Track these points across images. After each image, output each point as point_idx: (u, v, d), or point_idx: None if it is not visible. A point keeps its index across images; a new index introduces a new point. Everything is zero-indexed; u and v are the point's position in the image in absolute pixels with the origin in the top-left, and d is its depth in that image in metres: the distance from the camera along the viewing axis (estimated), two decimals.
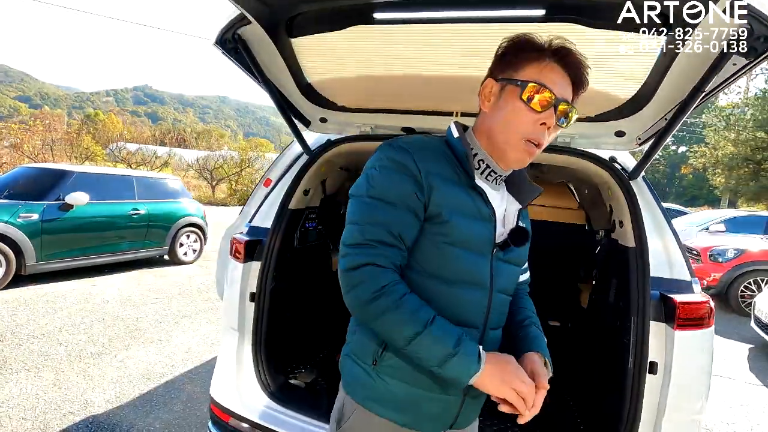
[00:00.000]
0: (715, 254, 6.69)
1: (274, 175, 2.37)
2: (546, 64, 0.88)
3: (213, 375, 1.84)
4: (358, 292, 0.83)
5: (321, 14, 1.46)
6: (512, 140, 0.90)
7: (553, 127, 0.89)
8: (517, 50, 0.91)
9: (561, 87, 0.88)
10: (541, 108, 0.86)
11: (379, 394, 0.93)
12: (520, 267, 1.04)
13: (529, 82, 0.87)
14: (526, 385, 0.81)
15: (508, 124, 0.89)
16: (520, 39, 0.91)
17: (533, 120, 0.87)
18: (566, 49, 0.89)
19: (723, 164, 19.62)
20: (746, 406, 3.43)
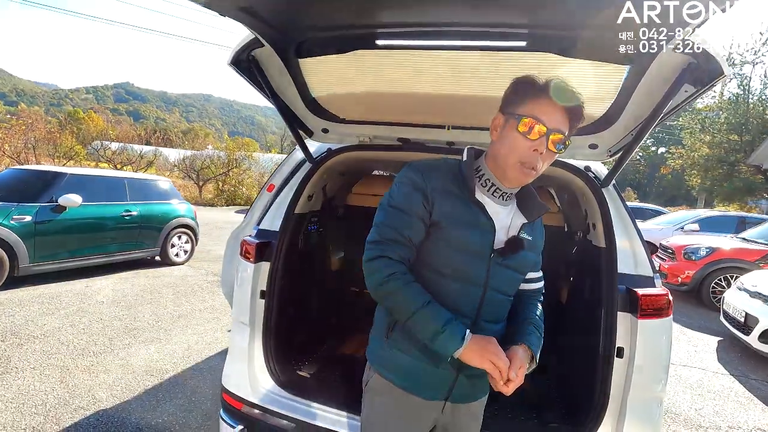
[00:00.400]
0: (688, 252, 7.04)
1: (277, 181, 2.53)
2: (542, 100, 1.06)
3: (224, 366, 1.98)
4: (374, 277, 1.07)
5: (328, 39, 1.62)
6: (510, 163, 1.09)
7: (546, 153, 1.07)
8: (520, 89, 1.10)
9: (555, 120, 1.06)
10: (533, 137, 1.05)
11: (388, 362, 1.17)
12: (520, 273, 1.20)
13: (524, 116, 1.05)
14: (500, 360, 1.00)
15: (508, 150, 1.09)
16: (523, 80, 1.10)
17: (527, 147, 1.06)
18: (562, 87, 1.07)
19: (699, 165, 20.31)
20: (713, 393, 3.71)
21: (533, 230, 1.21)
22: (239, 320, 1.95)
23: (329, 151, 2.21)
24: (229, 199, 18.14)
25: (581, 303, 2.07)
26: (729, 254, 6.78)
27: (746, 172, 18.31)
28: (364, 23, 1.48)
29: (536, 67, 1.55)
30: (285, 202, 2.07)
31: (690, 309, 6.53)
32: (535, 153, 1.06)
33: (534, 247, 1.21)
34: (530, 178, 1.11)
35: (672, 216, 11.37)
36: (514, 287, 1.21)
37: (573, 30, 1.33)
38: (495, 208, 1.14)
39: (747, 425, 3.18)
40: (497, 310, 1.17)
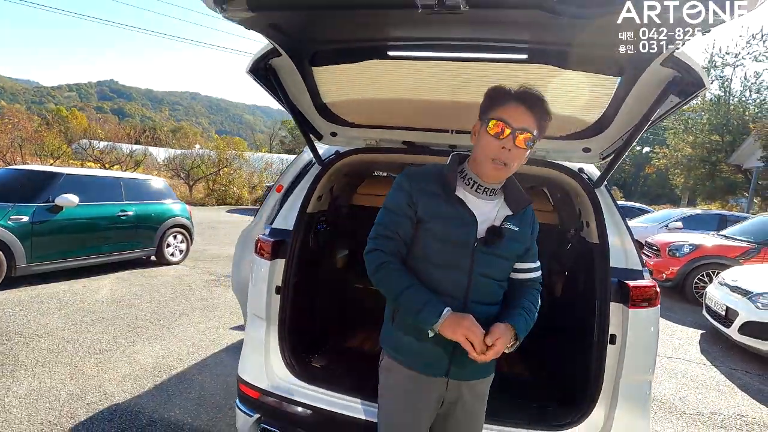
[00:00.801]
0: (672, 249, 7.30)
1: (286, 182, 2.63)
2: (509, 105, 1.22)
3: (240, 358, 2.07)
4: (370, 267, 1.29)
5: (342, 49, 1.74)
6: (484, 161, 1.25)
7: (515, 150, 1.21)
8: (490, 98, 1.27)
9: (521, 121, 1.20)
10: (498, 136, 1.21)
11: (394, 342, 1.35)
12: (505, 259, 1.32)
13: (493, 119, 1.22)
14: (473, 334, 1.15)
15: (481, 149, 1.26)
16: (493, 89, 1.28)
17: (497, 146, 1.22)
18: (526, 92, 1.23)
19: (682, 165, 20.84)
20: (696, 382, 3.91)
21: (520, 222, 1.34)
22: (255, 314, 2.05)
23: (337, 153, 2.32)
24: (220, 198, 18.06)
25: (576, 294, 2.22)
26: (711, 251, 7.05)
27: (727, 171, 18.85)
28: (377, 37, 1.60)
29: (536, 77, 1.68)
30: (297, 202, 2.17)
31: (674, 304, 6.78)
32: (504, 150, 1.21)
33: (520, 237, 1.34)
34: (503, 172, 1.26)
35: (656, 214, 11.69)
36: (502, 272, 1.33)
37: (570, 45, 1.46)
38: (477, 203, 1.30)
39: (728, 412, 3.38)
40: (486, 293, 1.30)
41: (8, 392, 2.69)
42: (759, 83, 19.28)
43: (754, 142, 14.46)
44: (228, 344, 3.77)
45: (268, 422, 1.93)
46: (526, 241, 1.37)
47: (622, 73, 1.56)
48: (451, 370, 1.29)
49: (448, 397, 1.34)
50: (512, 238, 1.31)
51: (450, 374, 1.30)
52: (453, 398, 1.35)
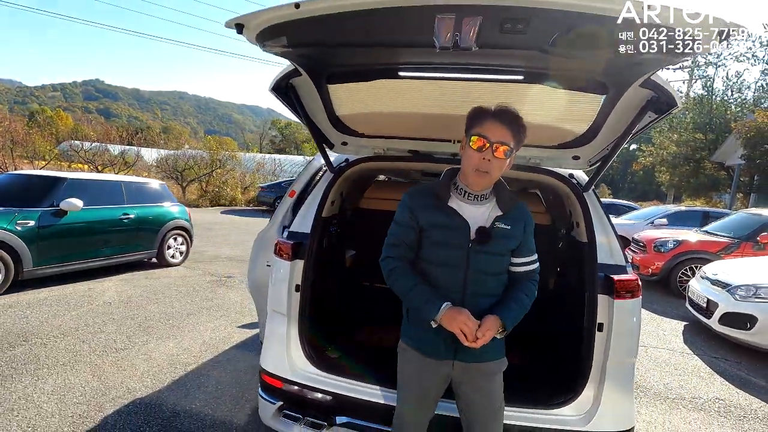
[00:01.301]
0: (658, 245, 7.60)
1: (298, 187, 2.82)
2: (487, 121, 1.44)
3: (262, 351, 2.25)
4: (384, 272, 1.55)
5: (357, 70, 1.92)
6: (469, 171, 1.48)
7: (495, 160, 1.41)
8: (472, 116, 1.51)
9: (498, 134, 1.41)
10: (479, 149, 1.42)
11: (407, 332, 1.61)
12: (499, 255, 1.52)
13: (473, 135, 1.44)
14: (466, 327, 1.37)
15: (466, 161, 1.49)
16: (475, 109, 1.51)
17: (478, 157, 1.43)
18: (502, 110, 1.46)
19: (667, 163, 21.39)
20: (679, 370, 4.17)
21: (512, 221, 1.53)
22: (276, 311, 2.23)
23: (347, 161, 2.50)
24: (214, 199, 18.08)
25: (567, 288, 2.44)
26: (694, 246, 7.36)
27: (711, 168, 19.42)
28: (390, 61, 1.79)
29: (531, 95, 1.90)
30: (312, 206, 2.35)
31: (659, 297, 7.09)
32: (485, 161, 1.43)
33: (512, 234, 1.53)
34: (486, 180, 1.48)
35: (643, 211, 12.05)
36: (497, 267, 1.53)
37: (560, 69, 1.67)
38: (469, 209, 1.52)
39: (707, 396, 3.64)
40: (483, 286, 1.50)
41: (35, 389, 2.84)
42: (740, 83, 19.87)
43: (736, 140, 14.94)
44: (237, 341, 3.93)
45: (291, 408, 2.11)
46: (518, 238, 1.55)
47: (606, 92, 1.77)
48: (457, 354, 1.51)
49: (455, 376, 1.56)
50: (504, 236, 1.51)
51: (456, 357, 1.52)
52: (460, 378, 1.56)
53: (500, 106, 1.45)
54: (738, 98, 20.15)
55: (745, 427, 3.16)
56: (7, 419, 2.50)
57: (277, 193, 17.18)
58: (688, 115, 20.05)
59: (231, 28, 1.33)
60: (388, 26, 1.37)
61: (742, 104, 19.88)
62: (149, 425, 2.55)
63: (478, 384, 1.57)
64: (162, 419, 2.61)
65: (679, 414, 3.29)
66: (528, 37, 1.26)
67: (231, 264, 7.38)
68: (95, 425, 2.50)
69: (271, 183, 18.84)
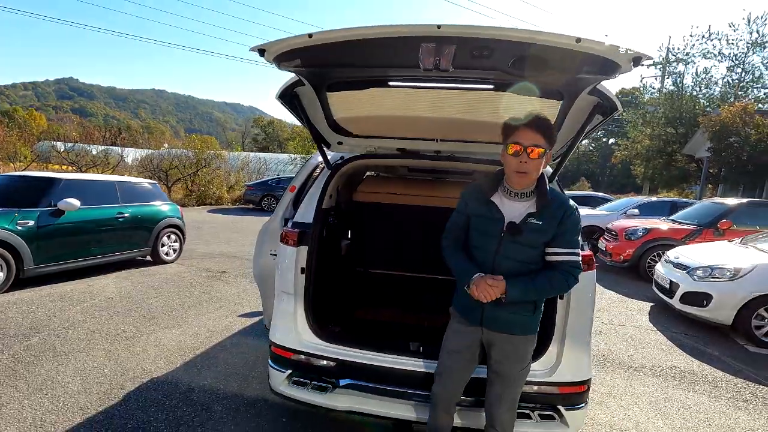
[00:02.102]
0: (628, 234, 8.12)
1: (298, 183, 3.12)
2: (519, 129, 1.68)
3: (271, 327, 2.55)
4: (441, 247, 1.94)
5: (353, 80, 2.24)
6: (510, 173, 1.75)
7: (531, 161, 1.65)
8: (506, 127, 1.76)
9: (531, 139, 1.64)
10: (515, 155, 1.68)
11: (456, 299, 1.97)
12: (528, 246, 1.74)
13: (509, 143, 1.72)
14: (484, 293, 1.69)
15: (507, 166, 1.75)
16: (505, 122, 1.77)
17: (516, 161, 1.69)
18: (530, 116, 1.71)
19: (642, 156, 22.23)
20: (643, 344, 4.62)
21: (546, 217, 1.73)
22: (284, 291, 2.54)
23: (343, 158, 2.82)
24: (200, 198, 18.10)
25: None
26: (661, 234, 7.90)
27: (682, 161, 20.29)
28: (383, 74, 2.11)
29: (500, 101, 2.25)
30: (313, 199, 2.66)
31: (629, 281, 7.60)
32: (522, 164, 1.68)
33: (543, 229, 1.73)
34: (526, 179, 1.72)
35: (617, 202, 12.67)
36: (526, 256, 1.76)
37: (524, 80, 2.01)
38: (510, 204, 1.79)
39: (666, 365, 4.08)
40: (508, 269, 1.74)
41: (58, 373, 3.08)
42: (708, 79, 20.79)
43: (703, 134, 15.72)
44: (240, 328, 4.22)
45: (299, 375, 2.42)
46: (550, 232, 1.74)
47: (562, 98, 2.13)
48: (483, 322, 1.85)
49: (485, 340, 1.90)
50: (535, 230, 1.73)
51: (483, 324, 1.85)
52: (489, 341, 1.89)
53: (529, 115, 1.68)
54: (706, 94, 21.12)
55: (695, 388, 3.60)
56: (38, 397, 2.75)
57: (263, 192, 17.31)
58: (660, 109, 20.89)
59: (255, 52, 1.63)
60: (383, 51, 1.69)
61: (710, 99, 20.84)
62: (169, 398, 2.83)
63: (504, 351, 1.86)
64: (179, 393, 2.90)
65: (640, 380, 3.72)
66: (492, 61, 1.60)
67: (223, 260, 7.60)
68: (120, 400, 2.78)
69: (258, 181, 18.94)
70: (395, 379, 2.27)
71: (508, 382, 1.89)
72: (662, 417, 3.08)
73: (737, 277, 4.89)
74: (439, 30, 1.48)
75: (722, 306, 4.91)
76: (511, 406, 1.92)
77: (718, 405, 3.32)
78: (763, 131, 13.23)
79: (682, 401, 3.35)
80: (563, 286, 1.78)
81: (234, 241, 9.67)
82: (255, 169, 25.13)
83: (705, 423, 3.04)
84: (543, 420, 2.20)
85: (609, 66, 1.57)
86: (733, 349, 4.64)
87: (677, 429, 2.94)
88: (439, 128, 2.62)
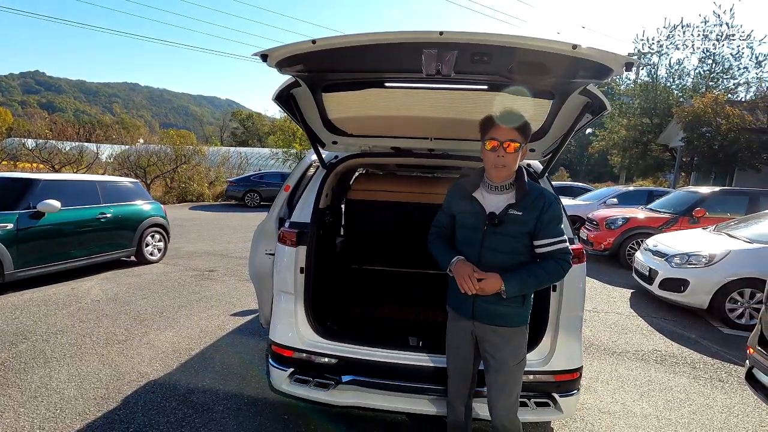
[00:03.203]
0: (609, 223, 8.38)
1: (292, 182, 3.13)
2: (496, 126, 1.77)
3: (271, 327, 2.56)
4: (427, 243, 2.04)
5: (349, 81, 2.26)
6: (489, 168, 1.83)
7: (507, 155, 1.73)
8: (483, 124, 1.82)
9: (506, 133, 1.73)
10: (493, 150, 1.76)
11: (449, 294, 2.03)
12: (510, 236, 1.80)
13: (486, 139, 1.79)
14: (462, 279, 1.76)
15: (486, 161, 1.83)
16: (483, 119, 1.84)
17: (493, 156, 1.77)
18: (504, 111, 1.76)
19: (618, 146, 22.80)
20: (625, 329, 4.81)
21: (525, 208, 1.79)
22: (283, 291, 2.56)
23: (337, 158, 2.84)
24: (180, 195, 17.76)
25: None
26: (640, 222, 8.18)
27: (657, 150, 20.91)
28: (380, 77, 2.14)
29: (493, 101, 2.30)
30: (309, 199, 2.68)
31: (610, 269, 7.87)
32: (499, 158, 1.76)
33: (523, 220, 1.78)
34: (504, 172, 1.79)
35: (596, 192, 13.03)
36: (510, 247, 1.82)
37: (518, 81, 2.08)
38: (491, 197, 1.86)
39: (647, 348, 4.27)
40: (496, 263, 1.80)
41: (51, 379, 3.04)
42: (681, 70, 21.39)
43: (676, 124, 16.22)
44: (233, 328, 4.21)
45: (301, 373, 2.46)
46: (531, 223, 1.80)
47: (553, 98, 2.20)
48: (474, 314, 1.90)
49: (477, 333, 1.95)
50: (515, 221, 1.79)
51: (474, 317, 1.91)
52: (480, 335, 1.93)
53: (503, 111, 1.75)
54: (679, 84, 21.76)
55: (676, 370, 3.79)
56: (33, 404, 2.71)
57: (246, 187, 17.08)
58: (635, 100, 21.44)
59: (257, 57, 1.64)
60: (385, 56, 1.72)
61: (683, 90, 21.48)
62: (168, 401, 2.83)
63: (495, 343, 1.89)
64: (179, 395, 2.90)
65: (624, 364, 3.89)
66: (492, 66, 1.65)
67: (210, 259, 7.53)
68: (119, 404, 2.76)
69: (240, 177, 18.67)
70: (397, 374, 2.34)
71: (503, 373, 1.91)
72: (646, 399, 3.25)
73: (712, 263, 5.13)
74: (441, 36, 1.52)
75: (698, 291, 5.16)
76: (509, 397, 1.93)
77: (697, 385, 3.51)
78: (733, 121, 13.74)
79: (664, 383, 3.53)
80: (559, 273, 1.82)
81: (219, 238, 9.56)
82: (236, 165, 24.76)
83: (686, 402, 3.22)
84: (539, 407, 2.30)
85: (602, 70, 1.64)
86: (709, 331, 4.88)
87: (661, 409, 3.10)
88: (432, 127, 2.67)
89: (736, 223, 6.08)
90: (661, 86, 21.26)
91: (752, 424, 2.98)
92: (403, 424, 2.72)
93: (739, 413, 3.11)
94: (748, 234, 5.44)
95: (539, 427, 2.73)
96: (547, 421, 2.69)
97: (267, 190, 16.73)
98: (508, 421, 1.94)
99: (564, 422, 2.83)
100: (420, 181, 3.74)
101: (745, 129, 13.75)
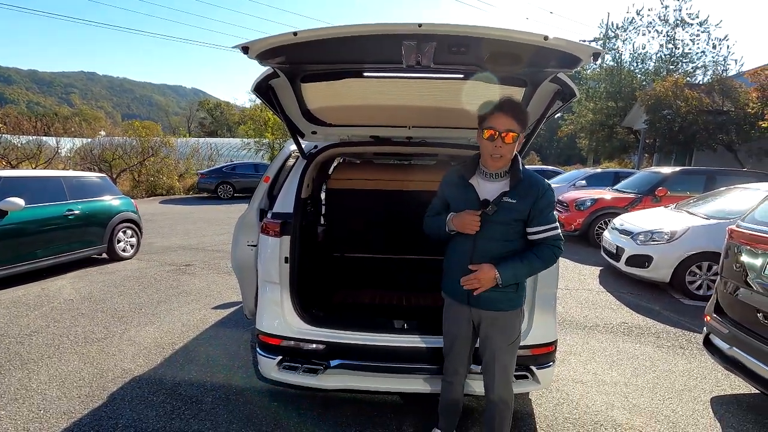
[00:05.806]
0: (578, 204, 8.71)
1: (271, 173, 3.13)
2: (494, 114, 1.77)
3: (257, 317, 2.59)
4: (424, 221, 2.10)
5: (328, 72, 2.28)
6: (485, 156, 1.86)
7: (504, 145, 1.75)
8: (482, 112, 1.85)
9: (503, 124, 1.73)
10: (490, 139, 1.78)
11: (443, 282, 2.08)
12: (503, 224, 1.82)
13: (484, 128, 1.81)
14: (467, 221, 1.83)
15: (482, 149, 1.86)
16: (483, 105, 1.86)
17: (490, 145, 1.78)
18: (504, 101, 1.81)
19: (586, 129, 23.47)
20: (595, 305, 5.08)
21: (519, 196, 1.81)
22: (268, 281, 2.58)
23: (317, 147, 2.86)
24: (149, 189, 17.21)
25: None
26: (607, 203, 8.54)
27: (622, 133, 21.65)
28: (359, 67, 2.17)
29: (470, 89, 2.37)
30: (291, 190, 2.69)
31: (580, 249, 8.20)
32: (497, 147, 1.77)
33: (517, 207, 1.81)
34: (500, 162, 1.83)
35: (566, 175, 13.47)
36: (502, 234, 1.85)
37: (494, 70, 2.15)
38: (486, 185, 1.90)
39: (616, 322, 4.53)
40: (490, 249, 1.85)
41: (31, 381, 2.97)
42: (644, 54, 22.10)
43: (640, 107, 16.83)
44: (216, 320, 4.20)
45: (290, 360, 2.51)
46: (525, 210, 1.82)
47: (526, 86, 2.29)
48: (471, 301, 1.94)
49: (474, 319, 2.01)
50: (508, 208, 1.81)
51: (471, 303, 1.96)
52: (478, 320, 2.00)
53: (504, 98, 1.74)
54: (642, 69, 22.50)
55: (642, 340, 4.05)
56: (15, 407, 2.66)
57: (218, 179, 16.68)
58: (601, 85, 22.07)
59: (237, 50, 1.64)
60: (365, 48, 1.76)
61: (646, 74, 22.24)
62: (155, 395, 2.83)
63: (492, 326, 1.96)
64: (166, 389, 2.90)
65: (595, 337, 4.12)
66: (469, 57, 1.71)
67: (185, 253, 7.40)
68: (105, 401, 2.74)
69: (211, 168, 18.21)
70: (384, 356, 2.42)
71: (500, 353, 1.98)
72: (616, 367, 3.47)
73: (673, 240, 5.45)
74: (421, 28, 1.57)
75: (661, 266, 5.48)
76: (506, 375, 2.02)
77: (661, 353, 3.78)
78: (691, 104, 14.37)
79: (631, 352, 3.77)
80: (551, 259, 1.87)
81: (193, 232, 9.37)
82: (206, 156, 24.10)
83: (651, 369, 3.46)
84: (518, 380, 2.44)
85: (572, 60, 1.73)
86: (672, 303, 5.21)
87: (628, 376, 3.33)
88: (410, 115, 2.72)
89: (695, 200, 6.44)
90: (625, 70, 21.94)
91: (709, 385, 3.24)
92: (393, 405, 2.82)
93: (698, 376, 3.38)
94: (706, 211, 5.79)
95: (518, 398, 2.89)
96: (526, 392, 2.85)
97: (240, 182, 16.40)
98: (504, 393, 2.05)
99: (541, 393, 3.01)
100: (397, 169, 3.80)
101: (703, 111, 14.41)
